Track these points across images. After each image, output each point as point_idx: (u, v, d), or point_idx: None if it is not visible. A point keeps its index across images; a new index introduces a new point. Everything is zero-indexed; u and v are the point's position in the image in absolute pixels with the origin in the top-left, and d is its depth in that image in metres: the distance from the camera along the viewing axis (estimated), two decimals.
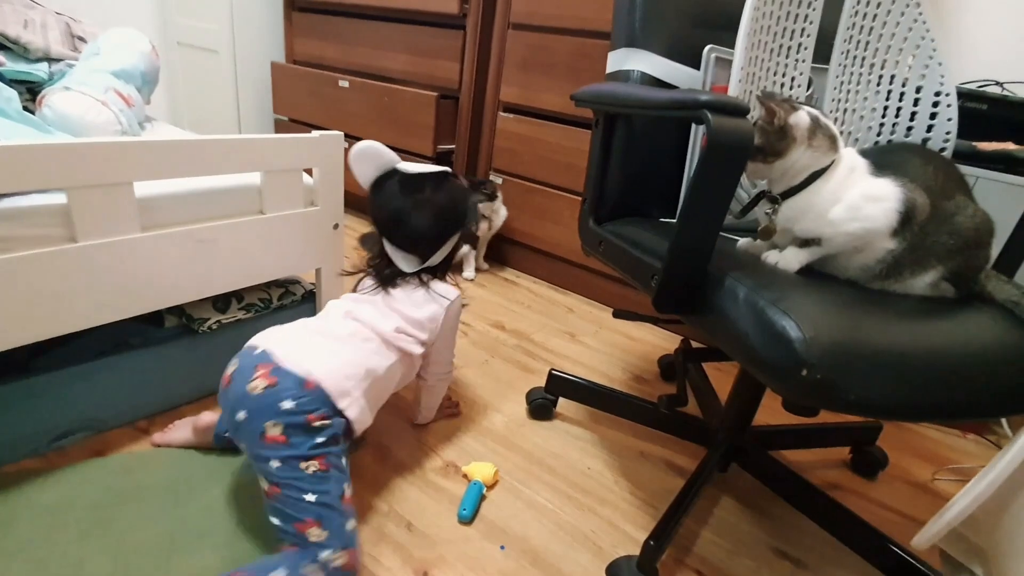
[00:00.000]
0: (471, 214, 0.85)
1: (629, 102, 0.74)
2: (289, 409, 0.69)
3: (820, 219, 0.67)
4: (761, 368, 0.58)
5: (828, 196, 0.66)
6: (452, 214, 0.89)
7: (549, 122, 1.66)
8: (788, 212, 0.70)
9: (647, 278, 0.73)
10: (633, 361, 1.41)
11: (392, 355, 0.83)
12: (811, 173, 0.67)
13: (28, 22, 1.27)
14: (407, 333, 0.86)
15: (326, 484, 0.68)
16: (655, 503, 0.95)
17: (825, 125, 0.67)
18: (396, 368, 0.84)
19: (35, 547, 0.71)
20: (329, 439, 0.71)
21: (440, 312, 0.89)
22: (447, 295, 0.91)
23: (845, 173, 0.67)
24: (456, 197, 0.90)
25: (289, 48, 2.34)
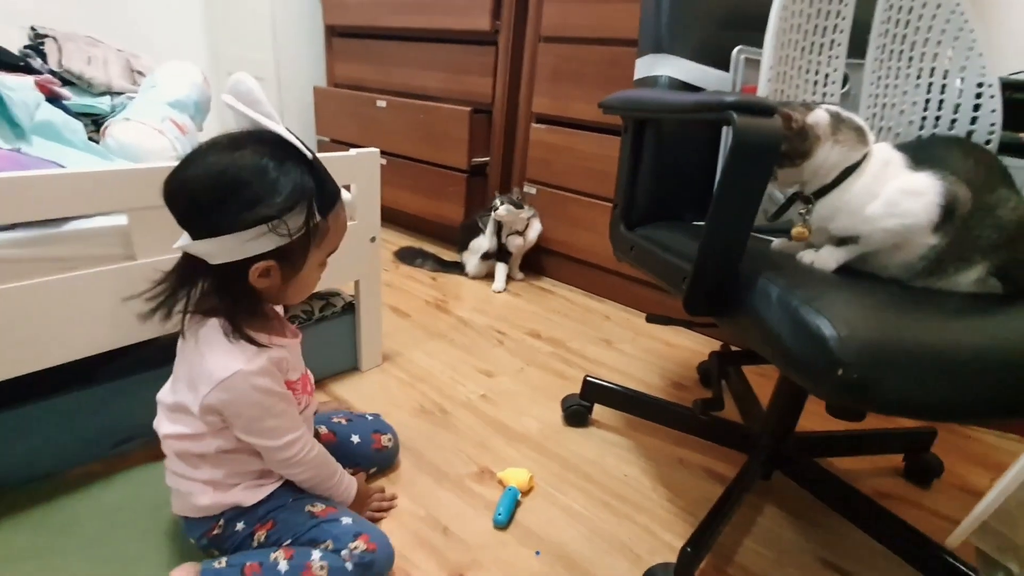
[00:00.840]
0: (281, 203, 0.58)
1: (656, 107, 0.75)
2: (196, 544, 0.72)
3: (856, 216, 0.65)
4: (796, 369, 0.57)
5: (863, 192, 0.65)
6: (236, 185, 0.58)
7: (581, 131, 1.67)
8: (823, 211, 0.68)
9: (678, 281, 0.72)
10: (671, 368, 1.39)
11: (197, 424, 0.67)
12: (842, 170, 0.65)
13: (91, 59, 1.38)
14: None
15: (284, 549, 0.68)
16: (694, 511, 0.93)
17: (849, 119, 0.66)
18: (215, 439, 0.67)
19: (96, 546, 0.76)
20: (244, 531, 0.70)
21: (206, 383, 0.63)
22: (228, 361, 0.62)
23: (879, 167, 0.65)
24: (259, 169, 0.58)
25: (330, 72, 2.44)
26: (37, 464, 0.84)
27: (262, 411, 0.65)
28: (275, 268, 0.62)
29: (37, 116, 0.87)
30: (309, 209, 0.60)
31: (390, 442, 0.93)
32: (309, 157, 0.62)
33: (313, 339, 1.13)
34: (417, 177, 2.09)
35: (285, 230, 0.59)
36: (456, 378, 1.25)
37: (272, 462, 0.70)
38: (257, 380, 0.64)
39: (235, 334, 0.63)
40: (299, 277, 0.67)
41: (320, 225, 0.63)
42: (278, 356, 0.67)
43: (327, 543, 0.69)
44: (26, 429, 0.82)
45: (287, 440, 0.68)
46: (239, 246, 0.59)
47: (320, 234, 0.64)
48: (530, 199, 1.85)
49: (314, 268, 0.68)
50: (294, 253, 0.63)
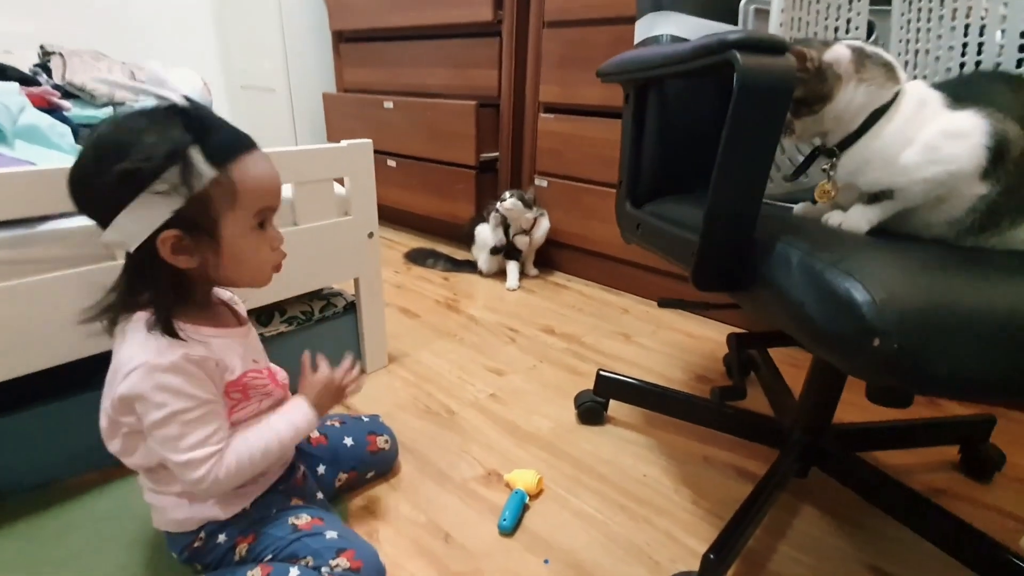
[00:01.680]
0: (147, 162, 0.51)
1: (653, 63, 0.68)
2: (179, 559, 0.68)
3: (890, 166, 0.57)
4: (824, 343, 0.49)
5: (896, 138, 0.56)
6: (101, 159, 0.53)
7: (591, 117, 1.60)
8: (849, 164, 0.60)
9: (687, 256, 0.65)
10: (695, 360, 1.30)
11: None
12: (870, 113, 0.57)
13: (96, 72, 1.39)
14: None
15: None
16: (721, 513, 0.84)
17: (875, 54, 0.57)
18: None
19: (85, 556, 0.73)
20: (226, 544, 0.65)
21: (117, 377, 0.57)
22: (136, 352, 0.56)
23: (914, 108, 0.56)
24: (120, 137, 0.53)
25: (339, 78, 2.43)
26: (33, 473, 0.82)
27: (165, 416, 0.56)
28: (182, 237, 0.55)
29: (21, 120, 0.85)
30: (185, 163, 0.52)
31: (387, 444, 0.87)
32: (187, 108, 0.55)
33: (314, 341, 1.09)
34: (426, 177, 2.06)
35: (164, 187, 0.52)
36: (464, 377, 1.19)
37: (180, 479, 0.59)
38: (164, 377, 0.55)
39: (154, 325, 0.56)
40: (229, 247, 0.57)
41: (221, 180, 0.54)
42: (201, 355, 0.58)
43: (307, 559, 0.63)
44: (22, 437, 0.79)
45: (188, 458, 0.57)
46: (133, 222, 0.53)
47: (225, 191, 0.55)
48: (541, 192, 1.79)
49: (243, 235, 0.58)
50: (198, 218, 0.55)
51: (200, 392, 0.58)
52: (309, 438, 0.82)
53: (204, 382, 0.59)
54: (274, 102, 2.49)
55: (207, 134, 0.55)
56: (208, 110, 0.58)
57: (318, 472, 0.80)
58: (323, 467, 0.81)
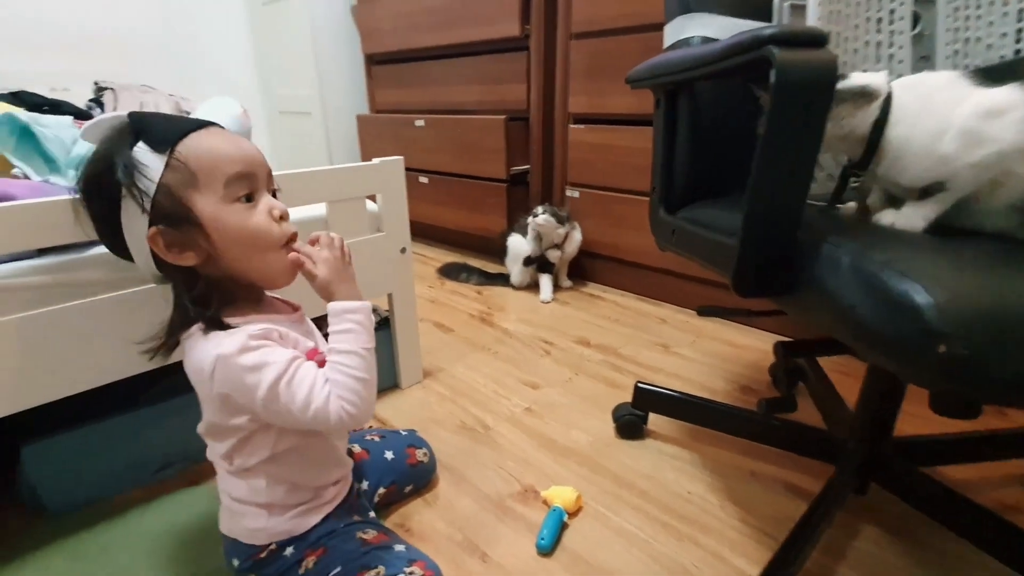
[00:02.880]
0: (91, 165, 0.56)
1: (683, 66, 0.66)
2: (237, 568, 0.67)
3: (928, 158, 0.54)
4: (880, 349, 0.45)
5: (917, 133, 0.54)
6: (97, 169, 0.56)
7: (621, 126, 1.58)
8: (883, 169, 0.57)
9: (726, 261, 0.62)
10: (739, 371, 1.25)
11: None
12: (870, 130, 0.55)
13: (143, 104, 1.46)
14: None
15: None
16: (772, 531, 0.80)
17: (840, 90, 0.56)
18: None
19: (130, 574, 0.74)
20: (293, 557, 0.65)
21: (205, 382, 0.58)
22: (206, 355, 0.57)
23: (921, 100, 0.54)
24: (96, 158, 0.57)
25: (372, 99, 2.49)
26: (79, 491, 0.85)
27: (268, 389, 0.56)
28: (165, 232, 0.55)
29: (74, 151, 0.89)
30: (125, 160, 0.54)
31: (426, 457, 0.87)
32: (125, 117, 0.58)
33: None
34: (458, 192, 2.07)
35: (123, 192, 0.54)
36: (499, 392, 1.18)
37: (326, 431, 0.65)
38: (241, 358, 0.56)
39: (209, 326, 0.58)
40: (214, 228, 0.56)
41: (172, 163, 0.55)
42: (261, 329, 0.58)
43: (379, 569, 0.64)
44: (69, 456, 0.82)
45: (314, 410, 0.57)
46: (131, 239, 0.57)
47: (181, 172, 0.55)
48: (573, 203, 1.77)
49: (224, 210, 0.57)
50: (169, 207, 0.55)
51: (280, 355, 0.58)
52: (352, 452, 0.82)
53: (276, 346, 0.59)
54: (310, 126, 2.57)
55: (146, 128, 0.56)
56: (151, 113, 0.60)
57: (362, 488, 0.80)
58: (366, 482, 0.81)
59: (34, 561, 0.75)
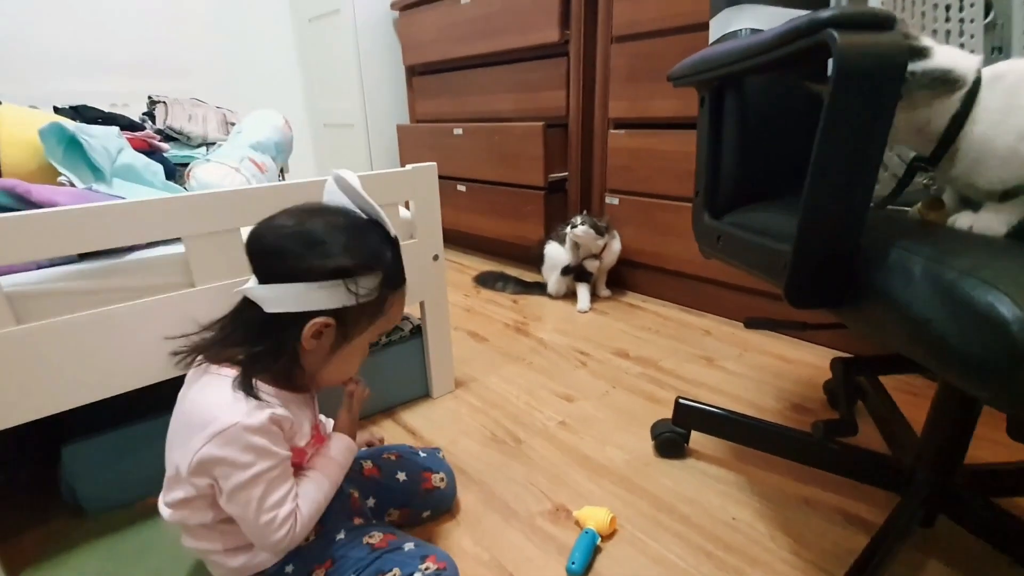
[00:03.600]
0: (358, 261, 0.59)
1: (731, 58, 0.61)
2: None
3: (1012, 160, 0.48)
4: (959, 368, 0.40)
5: (1001, 133, 0.48)
6: (320, 237, 0.59)
7: (663, 130, 1.53)
8: (959, 168, 0.51)
9: (779, 269, 0.57)
10: (790, 387, 1.17)
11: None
12: (949, 121, 0.49)
13: (192, 116, 1.51)
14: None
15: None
16: (828, 566, 0.73)
17: (917, 73, 0.49)
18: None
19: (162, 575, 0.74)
20: (298, 573, 0.64)
21: (200, 435, 0.55)
22: (224, 412, 0.56)
23: (1007, 95, 0.48)
24: (346, 231, 0.60)
25: (412, 110, 2.52)
26: (116, 492, 0.86)
27: (253, 476, 0.56)
28: (332, 328, 0.61)
29: (120, 160, 0.92)
30: (384, 278, 0.62)
31: (443, 482, 0.82)
32: (392, 235, 0.65)
33: (381, 365, 1.09)
34: (495, 200, 2.06)
35: (355, 288, 0.59)
36: (533, 404, 1.14)
37: (255, 540, 0.60)
38: (253, 438, 0.56)
39: (242, 385, 0.58)
40: (347, 349, 0.64)
41: (386, 300, 0.64)
42: (282, 415, 0.59)
43: (394, 572, 0.63)
44: (106, 458, 0.84)
45: (271, 517, 0.58)
46: (306, 295, 0.58)
47: (382, 310, 0.64)
48: (612, 210, 1.73)
49: (362, 345, 0.66)
50: (354, 319, 0.62)
51: (281, 450, 0.60)
52: (362, 467, 0.80)
53: (282, 440, 0.60)
54: (352, 137, 2.63)
55: (397, 262, 0.66)
56: (396, 236, 0.66)
57: (368, 504, 0.77)
58: (373, 500, 0.78)
59: (70, 560, 0.77)
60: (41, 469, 0.91)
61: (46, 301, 0.69)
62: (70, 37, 2.10)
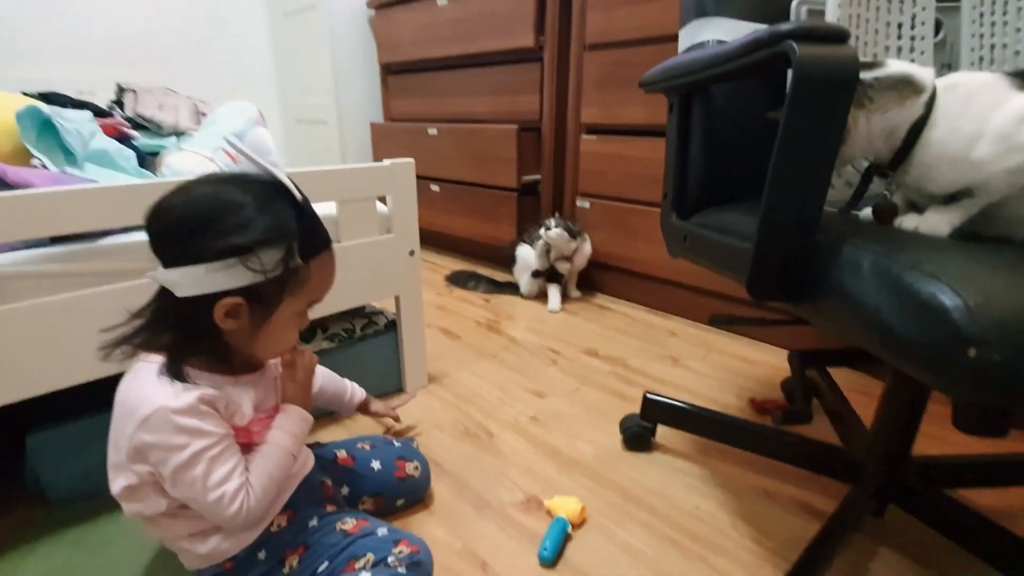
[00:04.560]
0: (255, 237, 0.54)
1: (699, 65, 0.65)
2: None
3: (961, 164, 0.52)
4: (906, 354, 0.43)
5: (955, 138, 0.52)
6: (212, 214, 0.55)
7: (634, 137, 1.57)
8: (913, 174, 0.55)
9: (740, 265, 0.60)
10: (750, 386, 1.22)
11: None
12: (908, 129, 0.53)
13: (163, 105, 1.48)
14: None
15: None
16: (786, 553, 0.76)
17: (879, 78, 0.54)
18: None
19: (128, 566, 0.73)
20: (270, 560, 0.64)
21: (131, 421, 0.55)
22: (150, 397, 0.55)
23: (962, 104, 0.52)
24: (239, 204, 0.55)
25: (387, 109, 2.52)
26: (88, 480, 0.83)
27: (190, 456, 0.55)
28: (243, 307, 0.57)
29: (92, 145, 0.90)
30: (287, 249, 0.57)
31: (416, 471, 0.83)
32: (300, 199, 0.60)
33: (354, 359, 1.09)
34: (468, 200, 2.07)
35: (258, 265, 0.55)
36: (504, 399, 1.16)
37: (213, 519, 0.59)
38: (182, 419, 0.55)
39: (169, 371, 0.57)
40: (270, 325, 0.60)
41: (301, 270, 0.59)
42: (212, 395, 0.58)
43: (367, 557, 0.63)
44: (71, 448, 0.81)
45: (219, 494, 0.57)
46: (207, 277, 0.54)
47: (299, 279, 0.60)
48: (583, 213, 1.76)
49: (289, 318, 0.62)
50: (266, 295, 0.58)
51: (218, 428, 0.58)
52: (336, 457, 0.80)
53: (219, 419, 0.59)
54: (325, 133, 2.60)
55: (311, 229, 0.61)
56: (311, 205, 0.62)
57: (342, 492, 0.78)
58: (347, 488, 0.78)
59: (37, 549, 0.75)
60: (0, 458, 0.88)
61: (17, 283, 0.67)
62: (36, 22, 2.02)
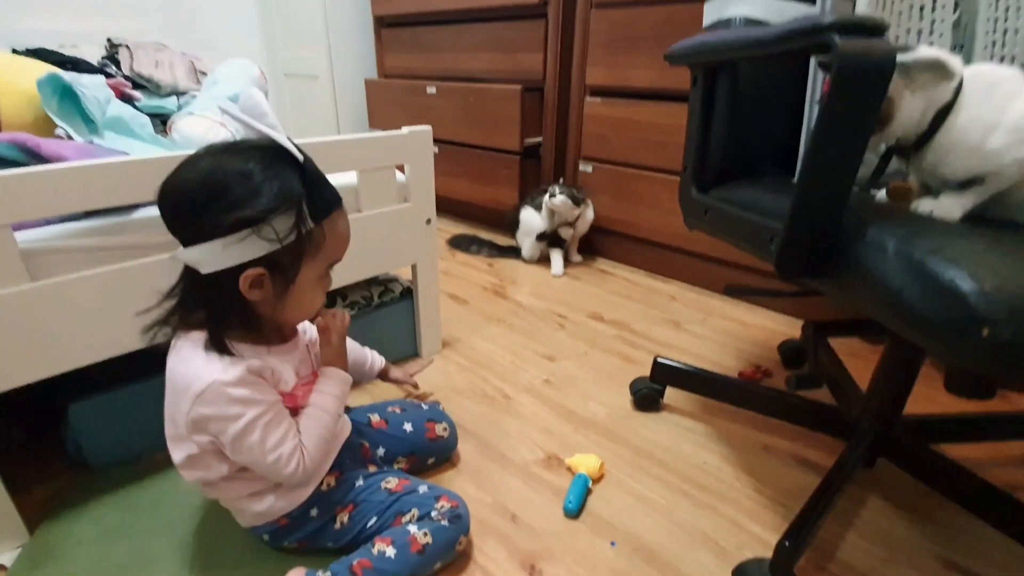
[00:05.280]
0: (264, 206, 0.54)
1: (732, 47, 0.66)
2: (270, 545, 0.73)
3: (976, 153, 0.56)
4: (925, 331, 0.48)
5: (974, 125, 0.55)
6: (220, 188, 0.55)
7: (640, 100, 1.57)
8: (928, 159, 0.59)
9: (765, 242, 0.64)
10: (749, 349, 1.29)
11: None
12: (936, 112, 0.56)
13: (159, 63, 1.43)
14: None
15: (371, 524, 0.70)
16: (785, 501, 0.84)
17: (917, 60, 0.56)
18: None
19: (178, 527, 0.77)
20: (323, 517, 0.69)
21: (186, 398, 0.58)
22: (201, 373, 0.58)
23: (984, 92, 0.56)
24: (244, 173, 0.55)
25: (380, 64, 2.45)
26: (128, 446, 0.87)
27: (246, 424, 0.59)
28: (266, 277, 0.58)
29: (108, 112, 0.89)
30: (298, 214, 0.57)
31: (445, 432, 0.88)
32: (301, 161, 0.60)
33: (372, 326, 1.12)
34: (470, 163, 2.06)
35: (272, 234, 0.55)
36: (517, 363, 1.21)
37: (272, 478, 0.65)
38: (234, 391, 0.58)
39: (213, 345, 0.60)
40: (295, 290, 0.61)
41: (314, 233, 0.60)
42: (259, 366, 0.61)
43: (412, 512, 0.69)
44: (119, 412, 0.84)
45: (277, 456, 0.61)
46: (224, 251, 0.55)
47: (314, 242, 0.60)
48: (586, 178, 1.78)
49: (312, 282, 0.63)
50: (285, 262, 0.59)
51: (267, 396, 0.62)
52: (371, 421, 0.85)
53: (267, 387, 0.63)
54: (317, 89, 2.53)
55: (318, 189, 0.60)
56: (317, 166, 0.62)
57: (378, 453, 0.83)
58: (383, 449, 0.83)
59: (87, 512, 0.78)
60: (35, 428, 0.91)
61: (55, 258, 0.68)
62: None
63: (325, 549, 0.71)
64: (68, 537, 0.75)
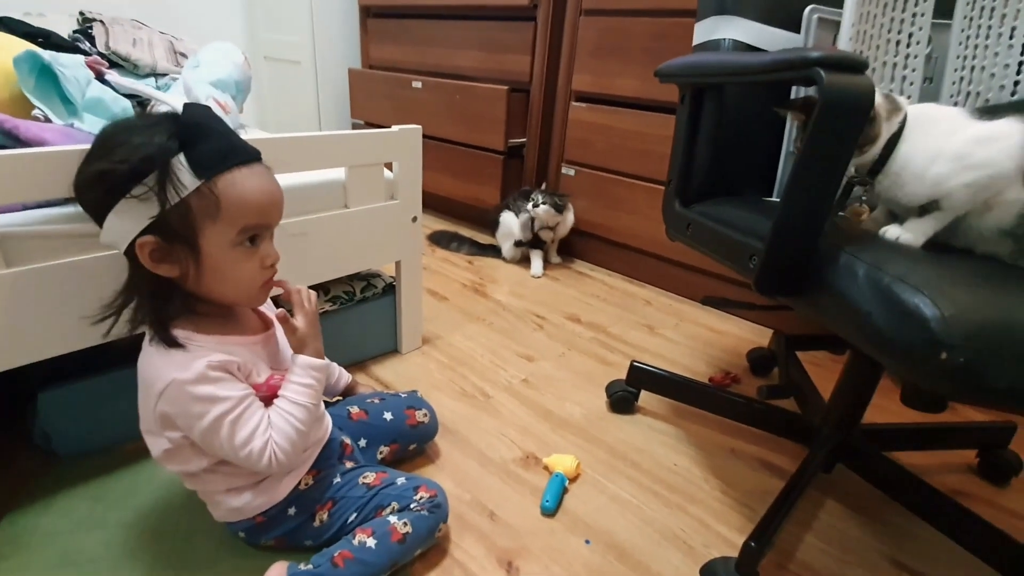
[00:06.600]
0: (123, 166, 0.52)
1: (722, 71, 0.69)
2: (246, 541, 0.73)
3: (921, 180, 0.61)
4: (889, 352, 0.51)
5: (920, 155, 0.61)
6: (98, 153, 0.54)
7: (624, 109, 1.61)
8: (885, 183, 0.64)
9: (744, 259, 0.68)
10: (718, 355, 1.34)
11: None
12: (887, 141, 0.61)
13: (137, 41, 1.39)
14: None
15: (351, 519, 0.70)
16: (750, 503, 0.88)
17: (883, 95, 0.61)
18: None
19: (151, 518, 0.76)
20: (301, 516, 0.70)
21: (150, 396, 0.58)
22: (160, 371, 0.57)
23: (922, 127, 0.61)
24: (122, 135, 0.54)
25: (365, 54, 2.42)
26: (98, 436, 0.85)
27: (211, 422, 0.57)
28: (159, 245, 0.55)
29: (88, 93, 0.86)
30: (163, 169, 0.52)
31: (426, 417, 0.89)
32: (181, 115, 0.56)
33: (354, 321, 1.12)
34: (453, 160, 2.06)
35: (142, 192, 0.52)
36: (496, 362, 1.22)
37: (249, 469, 0.63)
38: (196, 389, 0.56)
39: (162, 339, 0.57)
40: (207, 261, 0.57)
41: (203, 191, 0.54)
42: (221, 359, 0.58)
43: (392, 505, 0.70)
44: (89, 402, 0.82)
45: (248, 452, 0.59)
46: (118, 225, 0.54)
47: (208, 202, 0.54)
48: (567, 181, 1.80)
49: (224, 250, 0.57)
50: (176, 226, 0.54)
51: (233, 392, 0.59)
52: (350, 413, 0.85)
53: (234, 381, 0.60)
54: (298, 75, 2.48)
55: (196, 143, 0.54)
56: (208, 119, 0.57)
57: (360, 445, 0.83)
58: (364, 440, 0.84)
59: (56, 503, 0.77)
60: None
61: (32, 243, 0.67)
62: None
63: (304, 547, 0.71)
64: (36, 529, 0.73)
